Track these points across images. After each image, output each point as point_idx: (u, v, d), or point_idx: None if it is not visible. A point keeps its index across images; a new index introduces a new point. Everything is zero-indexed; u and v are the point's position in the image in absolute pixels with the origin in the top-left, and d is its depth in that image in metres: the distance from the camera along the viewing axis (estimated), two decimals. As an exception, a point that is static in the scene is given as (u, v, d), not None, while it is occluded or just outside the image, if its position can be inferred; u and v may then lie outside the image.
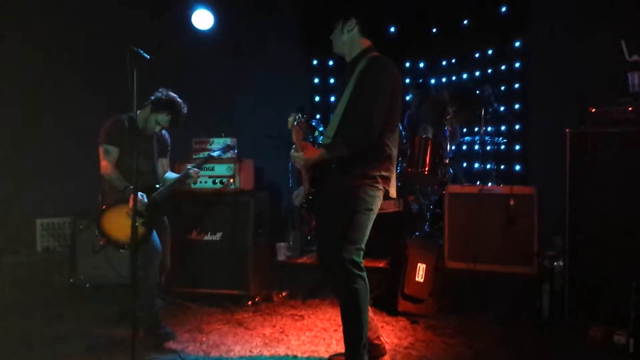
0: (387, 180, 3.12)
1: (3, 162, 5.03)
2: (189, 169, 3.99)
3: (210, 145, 4.97)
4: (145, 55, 2.98)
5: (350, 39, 3.14)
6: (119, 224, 3.71)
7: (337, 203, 3.03)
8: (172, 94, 3.93)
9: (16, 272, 4.79)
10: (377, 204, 3.09)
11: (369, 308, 3.10)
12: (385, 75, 3.01)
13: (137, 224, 3.28)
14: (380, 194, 3.10)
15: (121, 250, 3.80)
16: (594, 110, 3.88)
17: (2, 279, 4.66)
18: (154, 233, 3.82)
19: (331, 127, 3.09)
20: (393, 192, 3.18)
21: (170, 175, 4.13)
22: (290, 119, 3.04)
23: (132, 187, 3.63)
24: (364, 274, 3.01)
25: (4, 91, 5.09)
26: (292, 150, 3.00)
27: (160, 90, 3.92)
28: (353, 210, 3.00)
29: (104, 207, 3.81)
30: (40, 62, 5.29)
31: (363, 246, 3.04)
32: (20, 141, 5.17)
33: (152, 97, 3.89)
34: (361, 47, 3.14)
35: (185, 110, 3.94)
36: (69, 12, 5.35)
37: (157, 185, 3.93)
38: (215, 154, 4.29)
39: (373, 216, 3.07)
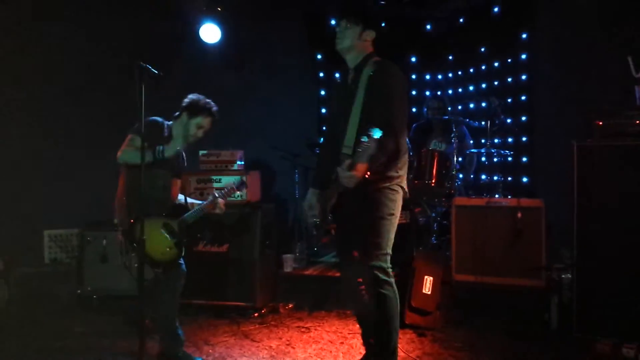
0: (404, 178, 3.14)
1: (11, 173, 5.08)
2: (216, 196, 3.81)
3: (218, 157, 5.00)
4: (154, 70, 3.00)
5: (362, 46, 3.14)
6: (151, 239, 3.46)
7: (360, 210, 3.01)
8: (202, 96, 3.84)
9: (23, 283, 4.83)
10: (399, 207, 3.11)
11: None
12: (398, 78, 3.04)
13: (169, 245, 3.42)
14: (400, 196, 3.11)
15: (154, 270, 3.61)
16: (600, 123, 3.88)
17: (9, 290, 4.68)
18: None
19: (350, 136, 3.06)
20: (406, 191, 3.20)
21: (180, 197, 3.93)
22: None
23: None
24: (392, 280, 3.04)
25: (16, 101, 5.15)
26: (340, 171, 2.80)
27: (187, 97, 3.83)
28: (377, 217, 2.99)
29: (131, 221, 3.55)
30: (53, 74, 5.35)
31: (390, 250, 3.05)
32: (29, 152, 5.22)
33: (184, 105, 3.78)
34: (366, 52, 3.16)
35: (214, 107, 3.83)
36: (82, 26, 5.41)
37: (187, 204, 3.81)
38: (234, 185, 3.98)
39: (396, 220, 3.08)
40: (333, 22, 6.76)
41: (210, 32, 5.65)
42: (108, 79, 5.41)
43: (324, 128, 6.81)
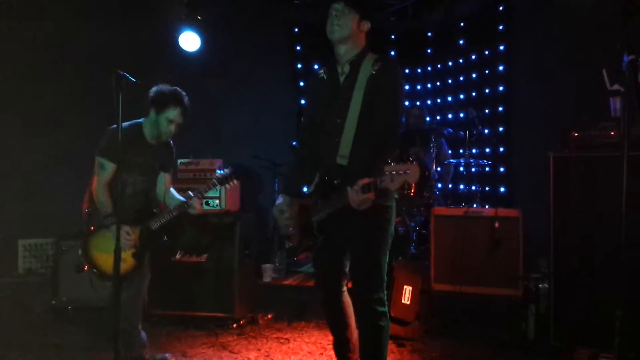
0: None
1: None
2: (191, 197, 3.59)
3: (197, 165, 4.96)
4: (131, 78, 2.96)
5: (359, 37, 2.78)
6: (106, 251, 3.38)
7: (356, 230, 2.70)
8: (164, 84, 3.58)
9: (-3, 294, 4.73)
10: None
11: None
12: (402, 81, 2.81)
13: (123, 257, 3.09)
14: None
15: (107, 282, 3.55)
16: (576, 134, 3.93)
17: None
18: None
19: (345, 145, 2.69)
20: None
21: (173, 194, 3.76)
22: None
23: (113, 218, 3.35)
24: (387, 310, 2.78)
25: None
26: (352, 193, 2.45)
27: (152, 88, 3.58)
28: (381, 239, 2.73)
29: (92, 228, 3.55)
30: (29, 83, 5.28)
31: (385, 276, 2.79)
32: (2, 161, 5.13)
33: (149, 99, 3.55)
34: (362, 45, 2.81)
35: (183, 92, 3.60)
36: (59, 34, 5.36)
37: (154, 210, 3.63)
38: (216, 181, 3.70)
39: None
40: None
41: (190, 41, 5.62)
42: (86, 87, 5.34)
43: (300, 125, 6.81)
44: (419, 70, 7.45)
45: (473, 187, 5.42)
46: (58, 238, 4.96)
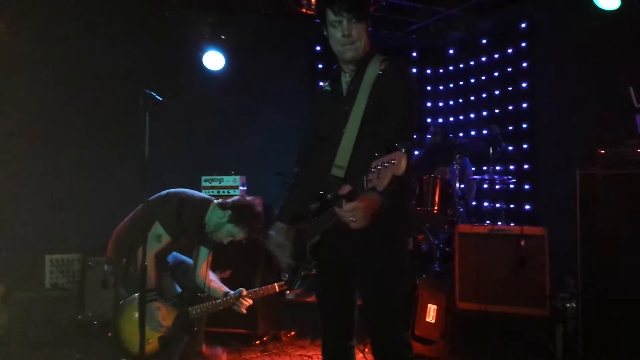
0: None
1: (14, 197, 5.08)
2: (239, 295, 3.52)
3: (220, 182, 5.00)
4: (158, 97, 3.00)
5: (367, 37, 2.37)
6: (133, 326, 3.12)
7: (361, 255, 2.28)
8: (254, 204, 3.54)
9: (24, 309, 4.78)
10: None
11: None
12: (414, 80, 2.40)
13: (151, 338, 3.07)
14: None
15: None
16: (603, 151, 3.89)
17: (10, 315, 4.64)
18: None
19: (343, 153, 2.28)
20: None
21: (208, 276, 3.65)
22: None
23: (154, 296, 3.23)
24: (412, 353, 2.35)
25: (17, 125, 5.18)
26: (345, 206, 2.02)
27: (241, 197, 3.58)
28: (399, 269, 2.33)
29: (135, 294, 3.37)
30: (56, 100, 5.39)
31: None
32: (31, 177, 5.23)
33: (231, 203, 3.50)
34: (369, 44, 2.40)
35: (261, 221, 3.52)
36: (84, 52, 5.48)
37: (200, 294, 3.54)
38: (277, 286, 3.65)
39: None
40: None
41: (213, 60, 5.71)
42: (113, 106, 5.44)
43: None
44: (441, 87, 7.46)
45: (497, 205, 5.36)
46: (84, 253, 5.03)
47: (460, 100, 7.20)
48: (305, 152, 2.62)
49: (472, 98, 7.02)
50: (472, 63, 7.02)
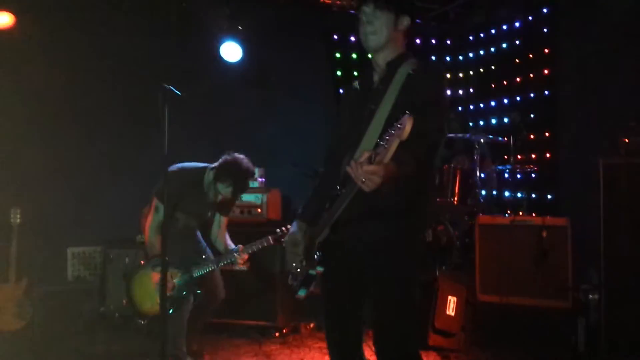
0: None
1: (36, 191, 5.14)
2: (237, 250, 3.66)
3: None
4: (177, 92, 3.01)
5: (397, 38, 2.33)
6: (144, 290, 3.51)
7: (386, 271, 2.19)
8: (239, 158, 3.57)
9: (47, 301, 4.85)
10: None
11: None
12: (445, 82, 2.38)
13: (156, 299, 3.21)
14: None
15: (137, 320, 3.64)
16: (627, 140, 3.81)
17: (33, 307, 4.71)
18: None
19: (367, 143, 2.17)
20: None
21: (225, 239, 3.85)
22: None
23: (159, 262, 3.30)
24: None
25: (38, 119, 5.24)
26: (355, 165, 1.88)
27: (227, 154, 3.60)
28: (412, 282, 2.25)
29: (142, 262, 3.68)
30: (74, 93, 5.44)
31: None
32: (52, 170, 5.29)
33: (219, 162, 3.58)
34: (402, 48, 2.37)
35: (252, 178, 3.59)
36: (104, 45, 5.51)
37: (204, 256, 3.69)
38: (271, 239, 3.78)
39: None
40: (352, 38, 6.81)
41: (231, 51, 5.68)
42: (132, 99, 5.47)
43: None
44: (461, 75, 7.35)
45: (519, 194, 5.29)
46: (106, 246, 5.09)
47: (481, 88, 7.09)
48: (331, 153, 2.50)
49: (492, 85, 6.91)
50: (492, 50, 6.90)
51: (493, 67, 6.90)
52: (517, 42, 6.52)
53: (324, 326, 2.45)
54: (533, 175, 5.82)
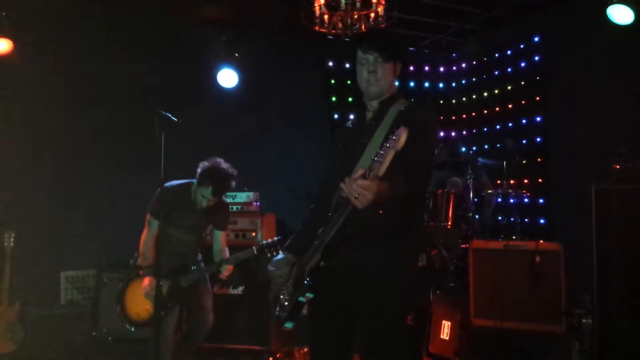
0: None
1: (29, 215, 5.14)
2: (223, 263, 3.78)
3: (234, 199, 5.02)
4: (174, 118, 3.06)
5: (392, 82, 2.48)
6: (134, 298, 3.70)
7: (379, 287, 2.22)
8: (216, 161, 3.69)
9: (40, 325, 4.82)
10: None
11: None
12: (435, 121, 2.49)
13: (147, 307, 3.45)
14: None
15: (128, 326, 3.81)
16: (618, 166, 3.86)
17: (25, 331, 4.68)
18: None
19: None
20: None
21: (224, 254, 3.93)
22: None
23: (148, 268, 3.64)
24: None
25: (32, 143, 5.27)
26: (348, 182, 1.91)
27: (206, 160, 3.72)
28: (403, 299, 2.29)
29: (140, 272, 3.79)
30: (68, 119, 5.48)
31: None
32: (46, 195, 5.29)
33: (199, 168, 3.69)
34: (395, 88, 2.51)
35: (230, 178, 3.65)
36: (101, 71, 5.57)
37: (194, 268, 3.79)
38: (255, 250, 3.84)
39: None
40: (347, 65, 6.91)
41: (227, 77, 5.76)
42: (129, 124, 5.51)
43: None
44: (454, 101, 7.45)
45: (512, 219, 5.32)
46: (99, 270, 5.07)
47: (473, 114, 7.18)
48: (323, 190, 2.56)
49: (485, 112, 7.00)
50: (484, 77, 7.01)
51: (485, 94, 7.00)
52: (509, 69, 6.63)
53: (310, 355, 2.45)
54: (526, 200, 5.87)
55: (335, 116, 7.28)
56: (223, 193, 3.72)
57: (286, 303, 2.34)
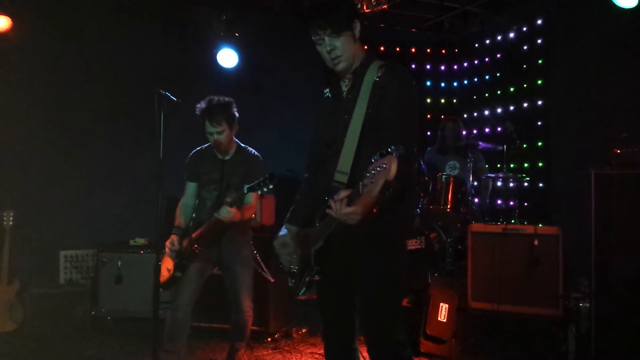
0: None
1: (28, 194, 5.15)
2: (224, 205, 3.45)
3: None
4: (172, 97, 3.04)
5: (357, 47, 2.39)
6: (163, 262, 3.61)
7: (368, 259, 2.31)
8: (204, 100, 3.60)
9: (39, 304, 4.85)
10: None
11: None
12: (412, 85, 2.37)
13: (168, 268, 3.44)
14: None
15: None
16: (618, 151, 3.85)
17: (24, 310, 4.71)
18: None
19: (345, 159, 2.30)
20: None
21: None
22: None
23: (175, 228, 3.63)
24: (410, 352, 2.39)
25: (31, 122, 5.25)
26: (335, 205, 2.03)
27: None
28: (393, 267, 2.33)
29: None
30: (71, 98, 5.45)
31: None
32: (45, 173, 5.29)
33: None
34: (362, 53, 2.43)
35: (221, 103, 3.58)
36: (101, 50, 5.53)
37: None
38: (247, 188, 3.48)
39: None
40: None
41: (227, 58, 5.71)
42: (129, 105, 5.48)
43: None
44: (455, 84, 7.41)
45: (511, 203, 5.32)
46: (98, 249, 5.09)
47: (475, 97, 7.15)
48: (312, 158, 2.66)
49: (486, 95, 6.97)
50: (486, 59, 6.96)
51: (487, 77, 6.95)
52: (512, 52, 6.58)
53: (321, 319, 2.55)
54: (525, 184, 5.85)
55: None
56: (218, 119, 3.54)
57: (298, 277, 2.45)
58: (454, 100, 7.41)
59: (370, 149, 2.18)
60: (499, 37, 6.74)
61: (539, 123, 6.23)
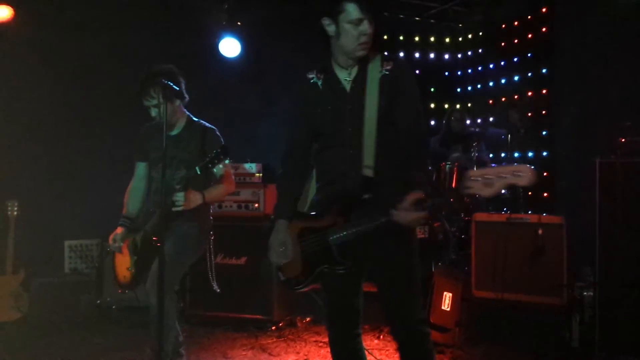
0: None
1: (32, 183, 5.15)
2: (175, 192, 3.09)
3: (236, 170, 5.01)
4: (175, 87, 3.03)
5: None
6: (118, 260, 3.43)
7: (388, 249, 2.36)
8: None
9: (43, 294, 4.88)
10: None
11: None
12: (415, 79, 2.47)
13: (128, 266, 3.23)
14: None
15: (119, 291, 3.57)
16: (623, 140, 3.83)
17: (29, 299, 4.73)
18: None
19: (368, 153, 2.35)
20: None
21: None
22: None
23: (123, 218, 3.38)
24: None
25: (35, 112, 5.25)
26: (402, 211, 2.18)
27: None
28: (416, 259, 2.43)
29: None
30: (71, 87, 5.45)
31: None
32: (49, 163, 5.30)
33: None
34: None
35: (157, 71, 3.25)
36: (102, 41, 5.51)
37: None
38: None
39: None
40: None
41: (230, 47, 5.69)
42: (131, 94, 5.46)
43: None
44: (459, 73, 7.38)
45: (515, 192, 5.31)
46: (103, 239, 5.10)
47: (479, 86, 7.12)
48: (296, 146, 2.61)
49: (490, 84, 6.93)
50: (490, 48, 6.92)
51: (491, 66, 6.92)
52: (515, 40, 6.54)
53: (327, 305, 2.56)
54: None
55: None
56: (147, 88, 3.18)
57: (299, 272, 2.47)
58: (458, 90, 7.37)
59: (388, 142, 2.34)
60: (503, 26, 6.69)
61: (543, 112, 6.20)
